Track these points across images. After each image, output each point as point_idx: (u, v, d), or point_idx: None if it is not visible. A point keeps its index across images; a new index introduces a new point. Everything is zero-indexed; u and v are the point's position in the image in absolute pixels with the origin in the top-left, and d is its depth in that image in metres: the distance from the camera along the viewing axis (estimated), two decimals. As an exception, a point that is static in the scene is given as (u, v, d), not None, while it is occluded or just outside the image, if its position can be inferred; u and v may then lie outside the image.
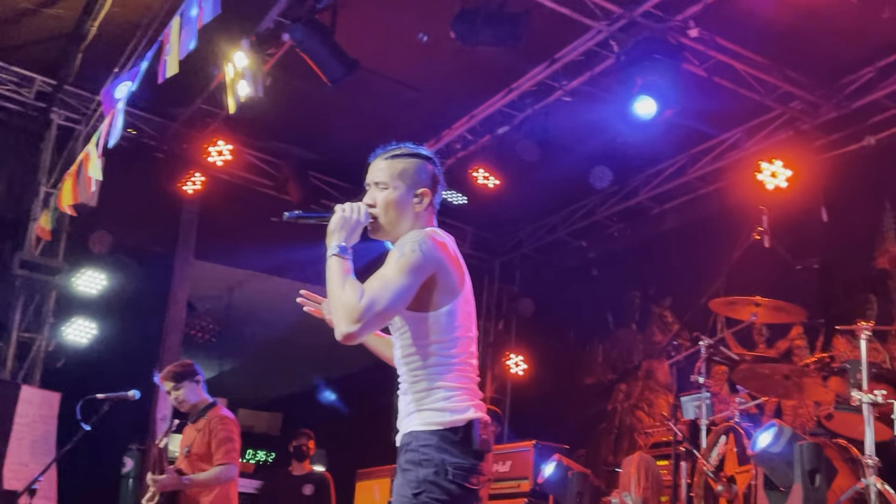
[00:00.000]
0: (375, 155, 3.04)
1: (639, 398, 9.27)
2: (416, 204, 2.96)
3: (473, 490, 2.72)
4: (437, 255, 2.78)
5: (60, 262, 8.38)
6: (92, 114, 8.47)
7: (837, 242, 7.49)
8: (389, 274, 2.71)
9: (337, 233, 2.85)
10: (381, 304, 2.65)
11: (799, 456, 4.15)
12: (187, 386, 5.75)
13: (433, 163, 3.07)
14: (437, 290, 2.80)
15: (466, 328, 2.88)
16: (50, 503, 7.38)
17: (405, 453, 2.76)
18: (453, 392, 2.78)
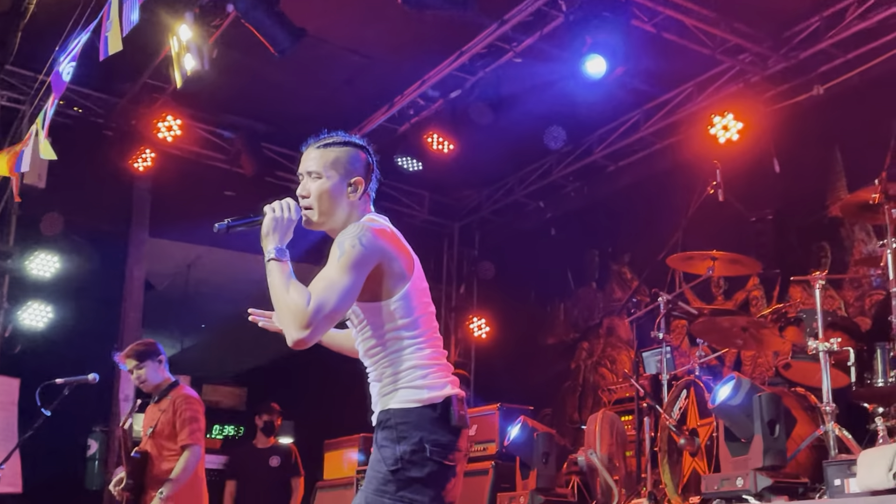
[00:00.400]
0: (307, 144, 3.01)
1: (601, 355, 9.36)
2: (350, 193, 2.95)
3: (451, 466, 2.74)
4: (379, 244, 2.76)
5: (11, 246, 8.24)
6: (35, 93, 8.28)
7: (790, 192, 7.57)
8: (333, 274, 2.67)
9: (271, 235, 2.80)
10: (329, 306, 2.62)
11: (758, 407, 4.20)
12: (149, 365, 5.74)
13: (366, 151, 3.05)
14: (387, 278, 2.78)
15: (425, 305, 2.88)
16: (14, 489, 7.32)
17: (382, 430, 2.77)
18: (428, 369, 2.79)
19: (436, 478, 2.70)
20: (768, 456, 4.13)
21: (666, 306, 5.88)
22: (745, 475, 4.14)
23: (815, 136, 7.54)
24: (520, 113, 8.28)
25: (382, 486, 2.68)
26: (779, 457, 4.15)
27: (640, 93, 8.53)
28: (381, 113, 8.89)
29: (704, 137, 7.84)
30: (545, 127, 8.85)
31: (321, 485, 7.92)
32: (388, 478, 2.68)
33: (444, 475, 2.73)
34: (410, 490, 2.67)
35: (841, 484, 3.87)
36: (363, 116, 9.03)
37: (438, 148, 8.96)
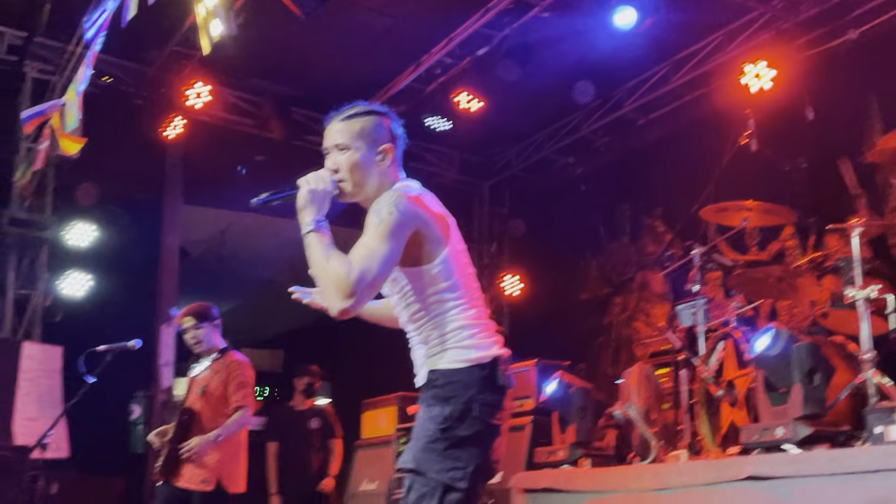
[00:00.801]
0: (329, 118, 2.97)
1: (635, 310, 9.35)
2: (379, 161, 2.93)
3: (497, 426, 2.77)
4: (415, 210, 2.75)
5: (49, 217, 8.34)
6: (66, 64, 8.33)
7: (825, 140, 7.47)
8: (372, 242, 2.67)
9: (308, 208, 2.79)
10: (372, 274, 2.62)
11: (797, 356, 4.19)
12: (206, 327, 5.84)
13: (389, 117, 3.01)
14: (426, 243, 2.78)
15: (464, 266, 2.89)
16: (62, 454, 7.47)
17: (430, 389, 2.80)
18: (474, 329, 2.81)
19: (482, 437, 2.73)
20: (808, 405, 4.13)
21: (700, 258, 5.85)
22: (785, 424, 4.14)
23: (849, 82, 7.42)
24: (548, 68, 8.22)
25: (430, 443, 2.71)
26: (818, 405, 4.14)
27: (669, 44, 8.42)
28: (408, 73, 8.86)
29: (736, 87, 7.74)
30: (574, 82, 8.78)
31: (359, 444, 8.02)
32: (437, 436, 2.71)
33: (491, 434, 2.76)
34: (458, 448, 2.70)
35: (882, 431, 3.87)
36: (390, 77, 9.00)
37: (466, 107, 8.93)
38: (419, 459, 2.71)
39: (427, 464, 2.69)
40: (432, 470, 2.68)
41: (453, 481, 2.67)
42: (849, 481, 3.61)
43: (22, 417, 7.38)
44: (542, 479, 5.51)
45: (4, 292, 8.18)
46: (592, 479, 5.11)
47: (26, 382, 7.62)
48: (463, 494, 2.68)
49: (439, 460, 2.69)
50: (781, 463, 3.91)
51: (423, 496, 2.68)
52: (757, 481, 3.99)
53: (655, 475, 4.69)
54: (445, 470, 2.68)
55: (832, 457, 3.76)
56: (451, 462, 2.68)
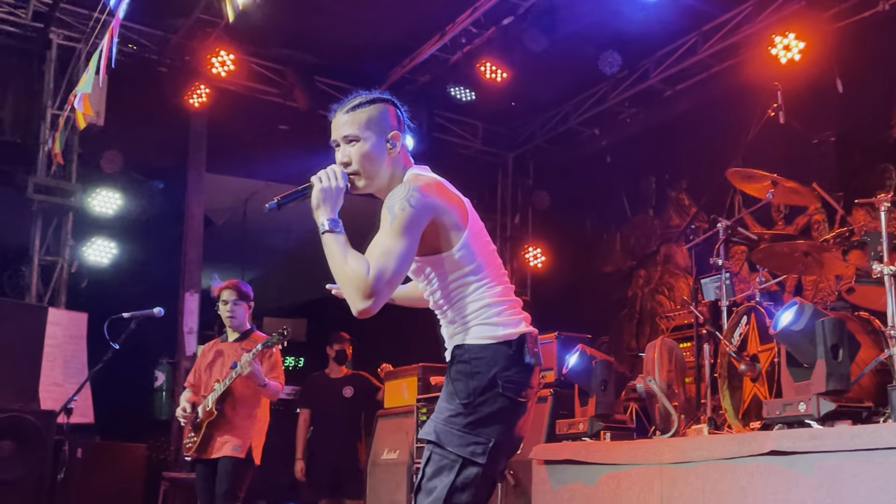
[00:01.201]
0: (333, 111, 2.94)
1: (658, 283, 9.31)
2: (389, 149, 2.90)
3: (522, 402, 2.78)
4: (429, 202, 2.73)
5: (74, 184, 8.39)
6: (91, 31, 8.34)
7: (854, 113, 7.37)
8: (388, 240, 2.66)
9: (322, 207, 2.78)
10: (389, 273, 2.63)
11: (821, 331, 4.14)
12: (243, 306, 6.08)
13: (393, 103, 2.99)
14: (444, 230, 2.78)
15: (485, 245, 2.89)
16: (86, 420, 7.57)
17: (456, 364, 2.80)
18: (502, 306, 2.81)
19: (507, 413, 2.74)
20: (831, 380, 4.08)
21: (725, 232, 5.79)
22: (808, 400, 4.11)
23: (880, 54, 7.30)
24: (574, 38, 8.15)
25: (453, 416, 2.72)
26: (842, 381, 4.10)
27: (697, 14, 8.32)
28: (433, 42, 8.80)
29: (765, 58, 7.64)
30: (600, 52, 8.70)
31: (381, 413, 8.04)
32: (460, 410, 2.72)
33: (516, 411, 2.77)
34: (480, 423, 2.71)
35: (906, 407, 3.83)
36: (415, 47, 8.96)
37: (491, 77, 8.87)
38: (440, 432, 2.73)
39: (448, 437, 2.71)
40: (452, 444, 2.70)
41: (473, 456, 2.69)
42: (871, 457, 3.59)
43: (48, 382, 7.47)
44: (563, 450, 5.51)
45: (30, 259, 8.25)
46: (612, 452, 5.10)
47: (52, 348, 7.70)
48: (481, 469, 2.70)
49: (460, 435, 2.70)
50: (803, 438, 3.89)
51: (442, 468, 2.70)
52: (778, 456, 3.97)
53: (676, 449, 4.67)
54: (466, 445, 2.69)
55: (854, 433, 3.73)
56: (473, 437, 2.70)
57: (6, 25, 8.36)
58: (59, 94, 8.43)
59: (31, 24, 8.41)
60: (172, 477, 8.37)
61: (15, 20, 8.36)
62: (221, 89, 9.12)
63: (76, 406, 6.51)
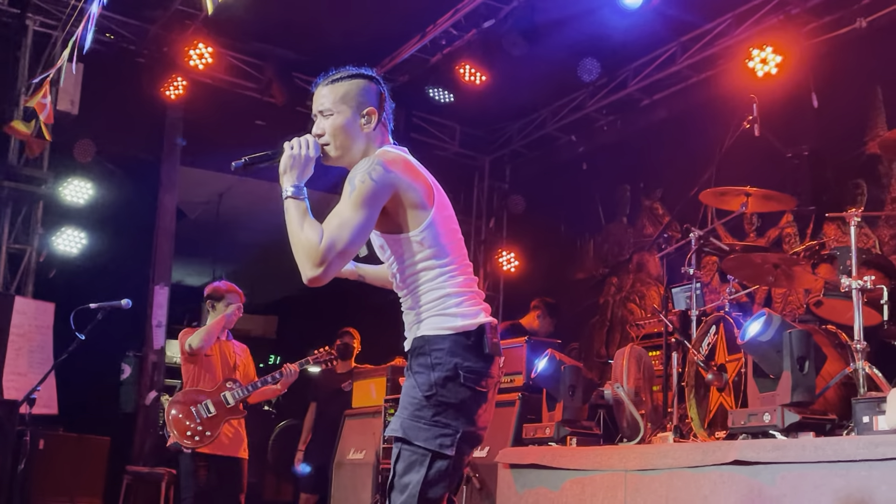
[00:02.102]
0: (316, 84, 2.98)
1: (630, 291, 9.34)
2: (364, 125, 2.91)
3: (483, 392, 2.78)
4: (391, 177, 2.73)
5: (46, 172, 8.30)
6: (68, 18, 8.26)
7: (828, 129, 7.43)
8: (345, 211, 2.67)
9: (289, 173, 2.80)
10: (342, 244, 2.64)
11: (788, 343, 4.17)
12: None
13: (376, 81, 3.00)
14: (407, 209, 2.78)
15: (452, 232, 2.88)
16: (50, 411, 7.48)
17: (416, 357, 2.80)
18: (461, 297, 2.81)
19: (469, 403, 2.75)
20: (797, 392, 4.11)
21: (697, 242, 5.82)
22: (773, 411, 4.13)
23: (855, 71, 7.37)
24: (554, 44, 8.15)
25: (417, 411, 2.72)
26: (807, 393, 4.13)
27: (677, 24, 8.36)
28: (413, 43, 8.79)
29: (742, 71, 7.69)
30: (579, 59, 8.72)
31: (349, 413, 8.01)
32: (423, 403, 2.72)
33: (477, 401, 2.77)
34: (444, 415, 2.71)
35: (869, 421, 3.86)
36: (395, 47, 8.94)
37: (470, 79, 8.87)
38: (407, 427, 2.72)
39: (415, 432, 2.71)
40: (420, 438, 2.70)
41: (442, 448, 2.69)
42: (833, 469, 3.61)
43: (11, 372, 7.38)
44: (529, 455, 5.51)
45: (-2, 247, 8.16)
46: (578, 458, 5.11)
47: (17, 337, 7.61)
48: (450, 461, 2.71)
49: (427, 428, 2.70)
50: (767, 448, 3.91)
51: (413, 464, 2.70)
52: (742, 466, 3.98)
53: (641, 456, 4.68)
54: (433, 437, 2.69)
55: (818, 445, 3.75)
56: (439, 429, 2.70)
57: (-18, 10, 8.27)
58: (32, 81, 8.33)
59: (7, 9, 8.32)
60: (136, 471, 8.30)
61: (-9, 5, 8.27)
62: (199, 82, 9.06)
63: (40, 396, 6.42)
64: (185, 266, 13.07)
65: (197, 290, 15.33)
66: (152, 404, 8.76)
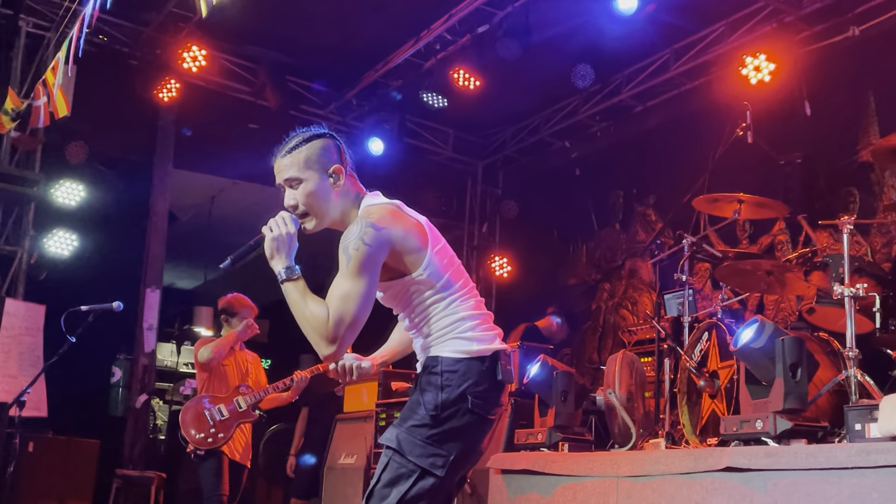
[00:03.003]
0: (273, 157, 2.95)
1: (622, 297, 9.34)
2: (333, 183, 2.90)
3: (490, 420, 2.78)
4: (383, 235, 2.73)
5: (37, 174, 8.26)
6: (61, 20, 8.23)
7: (821, 136, 7.45)
8: (345, 283, 2.68)
9: (276, 256, 2.81)
10: (350, 317, 2.65)
11: (780, 350, 4.17)
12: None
13: (329, 136, 2.98)
14: (405, 255, 2.79)
15: (450, 260, 2.90)
16: (40, 414, 7.44)
17: (427, 374, 2.79)
18: (476, 320, 2.83)
19: (472, 429, 2.75)
20: (789, 399, 4.11)
21: (690, 249, 5.83)
22: (765, 417, 4.13)
23: (848, 79, 7.40)
24: (548, 50, 8.17)
25: (417, 427, 2.72)
26: (799, 400, 4.12)
27: (670, 31, 8.38)
28: (407, 47, 8.78)
29: (735, 78, 7.71)
30: (573, 65, 8.71)
31: (340, 417, 8.00)
32: (426, 422, 2.72)
33: (482, 427, 2.77)
34: (445, 437, 2.71)
35: (861, 428, 3.85)
36: (389, 51, 8.93)
37: (464, 84, 8.86)
38: (403, 440, 2.72)
39: (409, 446, 2.70)
40: (413, 453, 2.69)
41: (432, 468, 2.68)
42: (825, 477, 3.61)
43: (1, 374, 7.35)
44: (520, 460, 5.50)
45: (-11, 247, 8.12)
46: (570, 464, 5.10)
47: (8, 339, 7.58)
48: (438, 481, 2.69)
49: (422, 445, 2.70)
50: (759, 455, 3.90)
51: (400, 476, 2.69)
52: (734, 472, 3.98)
53: (633, 462, 4.68)
54: (426, 455, 2.69)
55: (810, 452, 3.75)
56: (434, 449, 2.69)
57: (-26, 11, 8.24)
58: (25, 82, 8.31)
59: (0, 10, 8.28)
60: (125, 474, 8.27)
61: (-16, 6, 8.24)
62: (192, 85, 9.04)
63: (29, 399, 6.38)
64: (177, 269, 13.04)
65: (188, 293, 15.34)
66: (143, 407, 8.73)
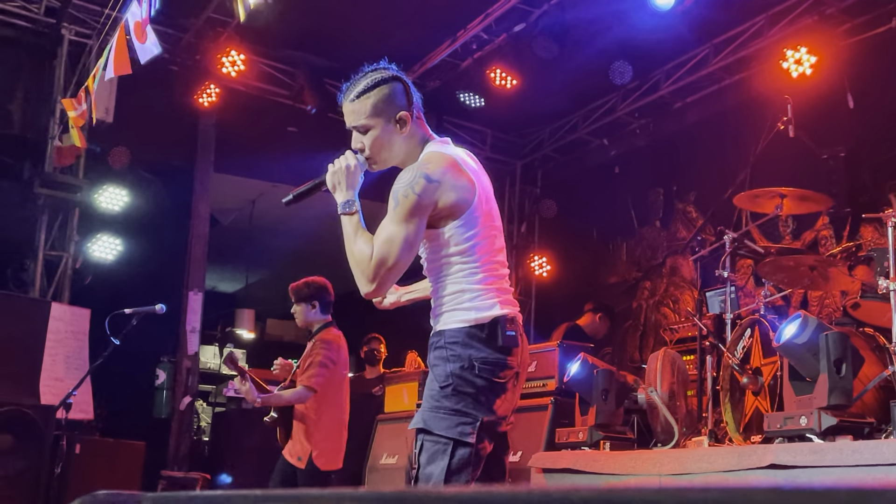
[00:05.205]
0: (341, 97, 3.00)
1: (663, 295, 9.27)
2: (399, 129, 2.94)
3: (500, 383, 2.80)
4: (433, 187, 2.77)
5: (81, 180, 8.39)
6: (102, 27, 8.36)
7: (864, 129, 7.34)
8: (391, 226, 2.76)
9: (337, 189, 2.91)
10: (392, 259, 2.74)
11: (824, 345, 4.11)
12: (302, 306, 5.84)
13: (396, 78, 3.00)
14: (445, 208, 2.82)
15: (488, 227, 2.90)
16: (86, 416, 7.55)
17: (434, 350, 2.85)
18: (479, 293, 2.84)
19: (485, 393, 2.78)
20: (834, 395, 4.05)
21: (731, 245, 5.76)
22: (809, 414, 4.07)
23: (891, 71, 7.28)
24: (585, 47, 8.13)
25: (436, 402, 2.77)
26: (844, 396, 4.07)
27: (709, 26, 8.30)
28: (443, 48, 8.80)
29: (776, 72, 7.62)
30: (611, 62, 8.67)
31: (381, 417, 8.02)
32: (441, 394, 2.77)
33: (494, 391, 2.79)
34: (463, 404, 2.75)
35: (908, 424, 3.80)
36: (426, 52, 8.95)
37: (501, 84, 8.85)
38: (428, 419, 2.77)
39: (435, 421, 2.75)
40: (441, 427, 2.74)
41: (462, 436, 2.72)
42: (871, 473, 3.55)
43: (49, 377, 7.46)
44: (561, 459, 5.48)
45: (35, 254, 8.25)
46: (611, 462, 5.07)
47: (54, 343, 7.69)
48: (472, 449, 2.73)
49: (446, 417, 2.74)
50: (803, 452, 3.85)
51: (436, 454, 2.73)
52: (778, 470, 3.93)
53: (675, 460, 4.64)
54: (453, 426, 2.73)
55: (855, 448, 3.69)
56: (458, 418, 2.74)
57: (19, 20, 8.38)
58: (68, 89, 8.44)
59: (43, 18, 8.43)
60: (170, 475, 8.35)
61: (27, 15, 8.38)
62: (231, 89, 9.13)
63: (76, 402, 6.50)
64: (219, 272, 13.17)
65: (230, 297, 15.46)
66: (186, 409, 8.83)
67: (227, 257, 11.92)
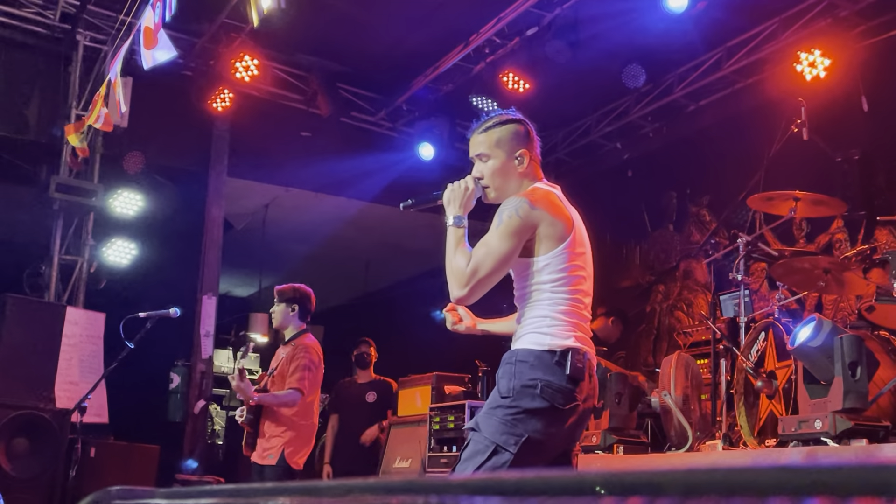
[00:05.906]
0: (472, 131, 3.27)
1: (677, 298, 9.24)
2: (518, 165, 3.21)
3: (560, 410, 2.93)
4: (535, 214, 3.00)
5: (96, 185, 8.43)
6: (117, 33, 8.40)
7: (879, 132, 7.31)
8: (492, 241, 3.00)
9: (451, 205, 3.17)
10: (485, 271, 2.98)
11: (839, 348, 4.10)
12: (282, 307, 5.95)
13: (523, 123, 3.29)
14: (543, 240, 3.02)
15: (578, 268, 3.10)
16: (100, 419, 7.58)
17: (504, 365, 3.02)
18: (559, 323, 3.01)
19: (543, 414, 2.90)
20: (849, 398, 4.04)
21: (745, 248, 5.75)
22: (824, 417, 4.06)
23: (906, 74, 7.24)
24: (598, 51, 8.12)
25: (493, 409, 2.94)
26: (860, 399, 4.05)
27: (723, 30, 8.28)
28: (456, 52, 8.80)
29: (789, 75, 7.59)
30: (624, 65, 8.65)
31: (394, 421, 8.03)
32: (500, 403, 2.93)
33: (551, 415, 2.91)
34: (516, 417, 2.89)
35: (924, 428, 3.78)
36: (438, 56, 8.96)
37: (514, 87, 8.84)
38: (480, 420, 2.95)
39: (486, 423, 2.92)
40: (488, 430, 2.90)
41: (505, 444, 2.86)
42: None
43: (63, 381, 7.49)
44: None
45: (50, 258, 8.30)
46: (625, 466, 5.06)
47: (69, 347, 7.73)
48: (511, 458, 2.85)
49: (496, 424, 2.90)
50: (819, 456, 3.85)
51: (476, 452, 2.89)
52: (793, 474, 3.92)
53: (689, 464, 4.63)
54: (500, 433, 2.88)
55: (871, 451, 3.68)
56: (508, 427, 2.88)
57: (34, 26, 8.43)
58: (83, 95, 8.49)
59: (58, 24, 8.48)
60: (185, 479, 8.38)
61: (43, 21, 8.44)
62: (245, 94, 9.16)
63: (90, 405, 6.53)
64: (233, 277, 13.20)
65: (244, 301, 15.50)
66: (201, 413, 8.85)
67: (240, 261, 11.94)
